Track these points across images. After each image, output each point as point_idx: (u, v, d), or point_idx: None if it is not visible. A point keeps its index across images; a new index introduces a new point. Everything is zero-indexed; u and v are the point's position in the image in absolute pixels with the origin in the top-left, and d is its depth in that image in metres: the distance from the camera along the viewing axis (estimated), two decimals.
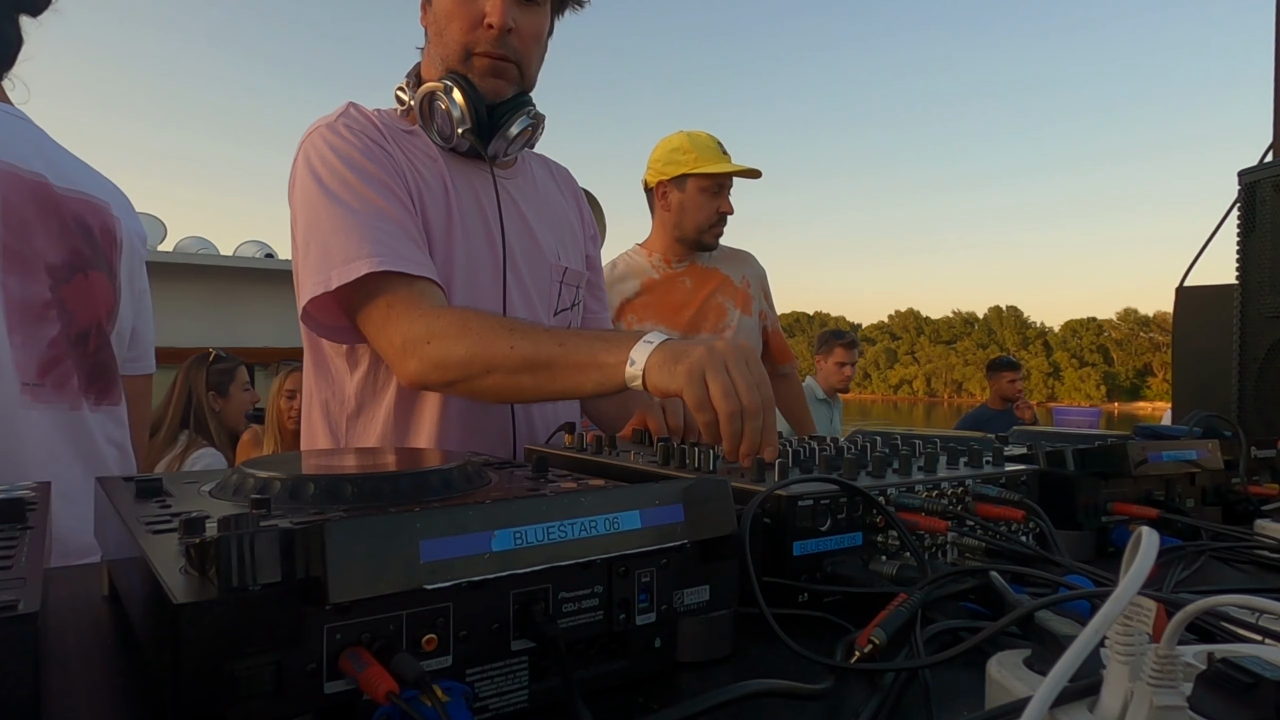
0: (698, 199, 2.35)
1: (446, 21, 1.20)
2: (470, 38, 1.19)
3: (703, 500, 0.56)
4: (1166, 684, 0.36)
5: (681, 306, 2.38)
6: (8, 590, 0.44)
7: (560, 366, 1.00)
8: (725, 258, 2.51)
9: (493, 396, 1.10)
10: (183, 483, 0.72)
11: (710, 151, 2.38)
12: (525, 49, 1.23)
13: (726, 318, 2.42)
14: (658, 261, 2.44)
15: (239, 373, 3.31)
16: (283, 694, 0.41)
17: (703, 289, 2.42)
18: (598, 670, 0.53)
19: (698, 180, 2.36)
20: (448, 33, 1.20)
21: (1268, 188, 1.59)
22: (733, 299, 2.45)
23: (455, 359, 1.04)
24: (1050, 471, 0.96)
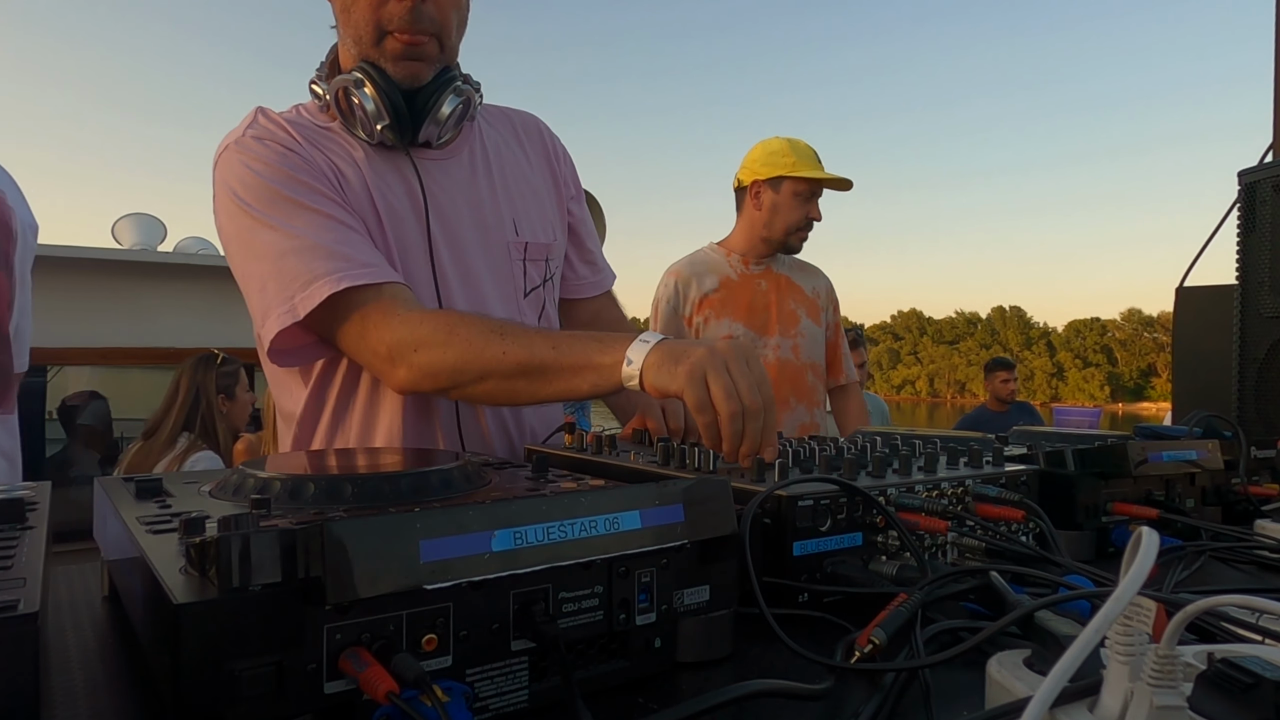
0: (791, 202, 2.44)
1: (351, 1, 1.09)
2: (381, 13, 1.08)
3: (703, 500, 0.56)
4: (1166, 684, 0.36)
5: (757, 308, 2.46)
6: (8, 590, 0.44)
7: (555, 370, 0.97)
8: (798, 268, 2.60)
9: (487, 401, 1.08)
10: (183, 483, 0.72)
11: (808, 158, 2.48)
12: (444, 18, 1.11)
13: (799, 324, 2.49)
14: (736, 261, 2.51)
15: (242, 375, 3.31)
16: (283, 694, 0.41)
17: (777, 293, 2.51)
18: (598, 670, 0.53)
19: (794, 184, 2.44)
20: (355, 10, 1.09)
21: (1268, 188, 1.59)
22: (804, 307, 2.53)
23: (446, 367, 1.01)
24: (1050, 471, 0.96)
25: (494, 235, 1.23)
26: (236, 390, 3.24)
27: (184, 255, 5.30)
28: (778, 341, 2.45)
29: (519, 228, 1.26)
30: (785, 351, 2.47)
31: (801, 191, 2.44)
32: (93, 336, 4.63)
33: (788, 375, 2.46)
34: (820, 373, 2.56)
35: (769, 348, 2.44)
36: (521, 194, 1.28)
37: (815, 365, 2.53)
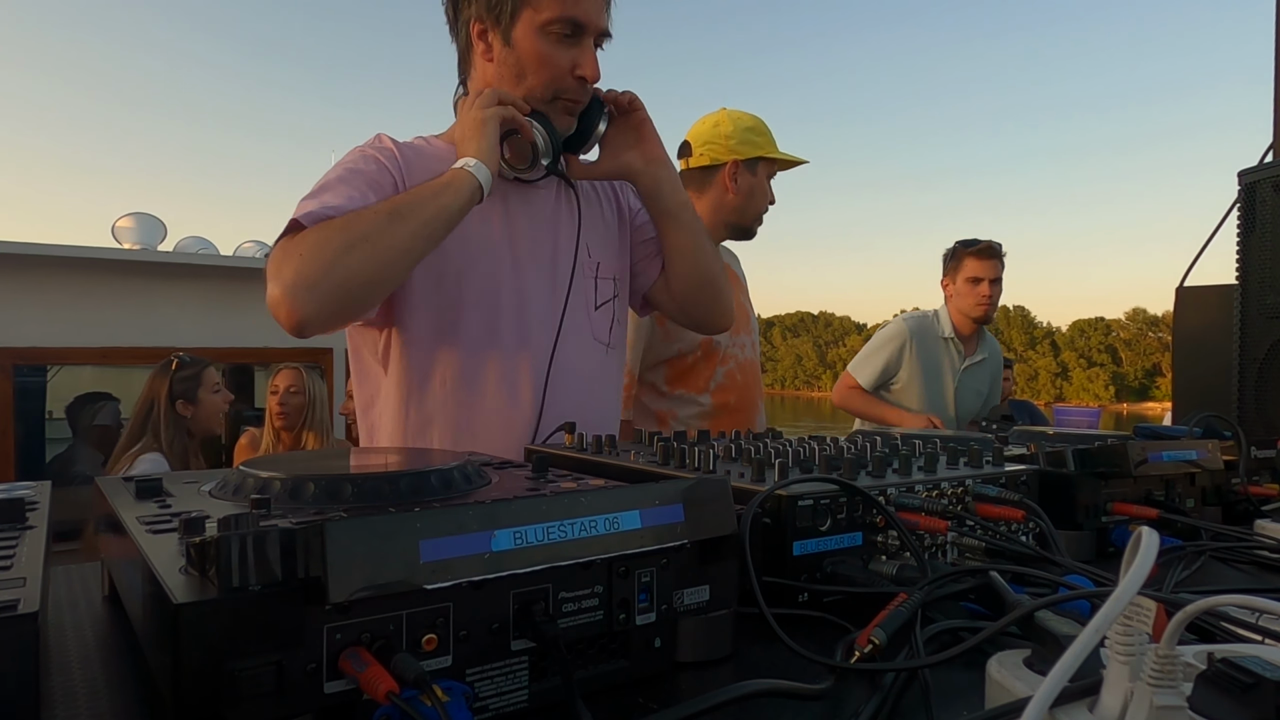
0: (765, 186, 2.16)
1: (535, 66, 1.24)
2: (560, 84, 1.26)
3: (703, 500, 0.56)
4: (1166, 684, 0.36)
5: None
6: (8, 590, 0.44)
7: (418, 203, 1.08)
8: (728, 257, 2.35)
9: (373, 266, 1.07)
10: (183, 482, 0.72)
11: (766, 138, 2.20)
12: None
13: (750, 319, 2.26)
14: None
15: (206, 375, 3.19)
16: (283, 694, 0.41)
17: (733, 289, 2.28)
18: (598, 670, 0.53)
19: (768, 166, 2.17)
20: (533, 76, 1.25)
21: (1268, 188, 1.59)
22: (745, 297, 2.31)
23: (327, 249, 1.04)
24: (1050, 471, 0.96)
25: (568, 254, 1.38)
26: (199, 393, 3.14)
27: (184, 255, 5.30)
28: (743, 340, 2.20)
29: (591, 251, 1.41)
30: (749, 350, 2.23)
31: (772, 173, 2.19)
32: (93, 336, 4.63)
33: (752, 374, 2.22)
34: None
35: (737, 347, 2.18)
36: (594, 224, 1.45)
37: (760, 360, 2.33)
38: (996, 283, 3.16)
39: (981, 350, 3.29)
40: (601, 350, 1.41)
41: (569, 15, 1.21)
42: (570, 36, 1.23)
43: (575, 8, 1.21)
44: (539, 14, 1.21)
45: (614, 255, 1.47)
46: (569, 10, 1.21)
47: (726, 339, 2.16)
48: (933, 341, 3.20)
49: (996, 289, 3.16)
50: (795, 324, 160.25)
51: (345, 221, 1.07)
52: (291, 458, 0.78)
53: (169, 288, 4.96)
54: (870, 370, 3.15)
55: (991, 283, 3.13)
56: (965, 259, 3.16)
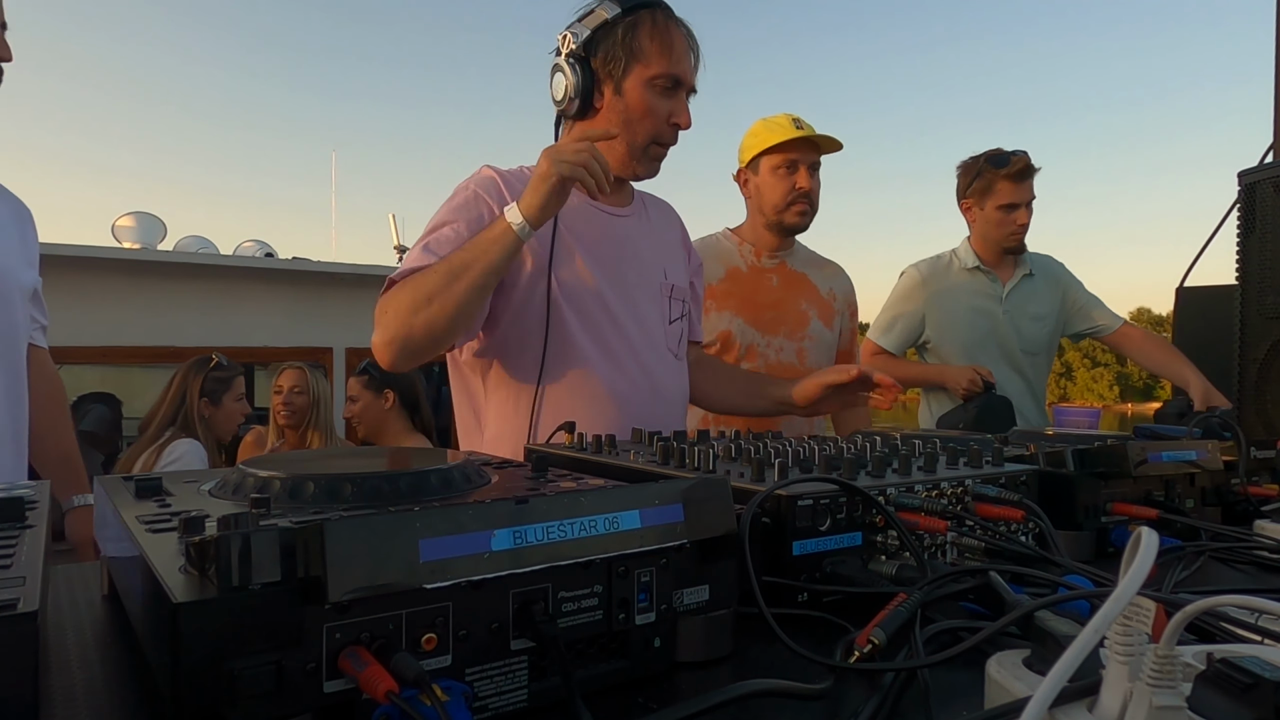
0: (771, 178, 2.25)
1: (641, 115, 1.47)
2: (658, 131, 1.49)
3: (702, 500, 0.56)
4: (1166, 684, 0.36)
5: (763, 305, 2.26)
6: (8, 589, 0.44)
7: (470, 260, 1.26)
8: (816, 264, 2.40)
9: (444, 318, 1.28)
10: (182, 482, 0.72)
11: (780, 128, 2.25)
12: None
13: (807, 326, 2.29)
14: (748, 251, 2.32)
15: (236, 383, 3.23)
16: (282, 693, 0.41)
17: (788, 290, 2.30)
18: (597, 670, 0.53)
19: (767, 158, 2.25)
20: (639, 124, 1.48)
21: (1268, 188, 1.59)
22: (816, 308, 2.32)
23: (403, 309, 1.29)
24: (1050, 471, 0.96)
25: (652, 275, 1.62)
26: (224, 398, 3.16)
27: (184, 254, 5.30)
28: (780, 343, 2.26)
29: (668, 273, 1.65)
30: (788, 354, 2.27)
31: (779, 164, 2.22)
32: (93, 336, 4.63)
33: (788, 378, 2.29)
34: None
35: (771, 348, 2.25)
36: (670, 252, 1.70)
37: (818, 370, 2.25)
38: (1031, 204, 2.66)
39: (1022, 267, 2.76)
40: (674, 360, 1.61)
41: (672, 72, 1.45)
42: (670, 90, 1.47)
43: (677, 66, 1.46)
44: (648, 69, 1.45)
45: (683, 278, 1.70)
46: (673, 68, 1.45)
47: (756, 336, 2.24)
48: (955, 279, 2.76)
49: (1031, 211, 2.67)
50: None
51: (416, 283, 1.29)
52: (291, 457, 0.78)
53: (169, 287, 4.95)
54: (890, 331, 2.78)
55: (1027, 206, 2.64)
56: (998, 183, 2.64)
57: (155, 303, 4.89)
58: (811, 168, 2.25)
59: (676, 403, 1.61)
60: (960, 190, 2.79)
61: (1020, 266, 2.77)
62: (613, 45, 1.46)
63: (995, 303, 2.73)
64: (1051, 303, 2.77)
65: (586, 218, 1.55)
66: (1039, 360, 2.78)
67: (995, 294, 2.75)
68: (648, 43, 1.44)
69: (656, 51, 1.44)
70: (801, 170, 2.23)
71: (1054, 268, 2.83)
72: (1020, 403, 2.59)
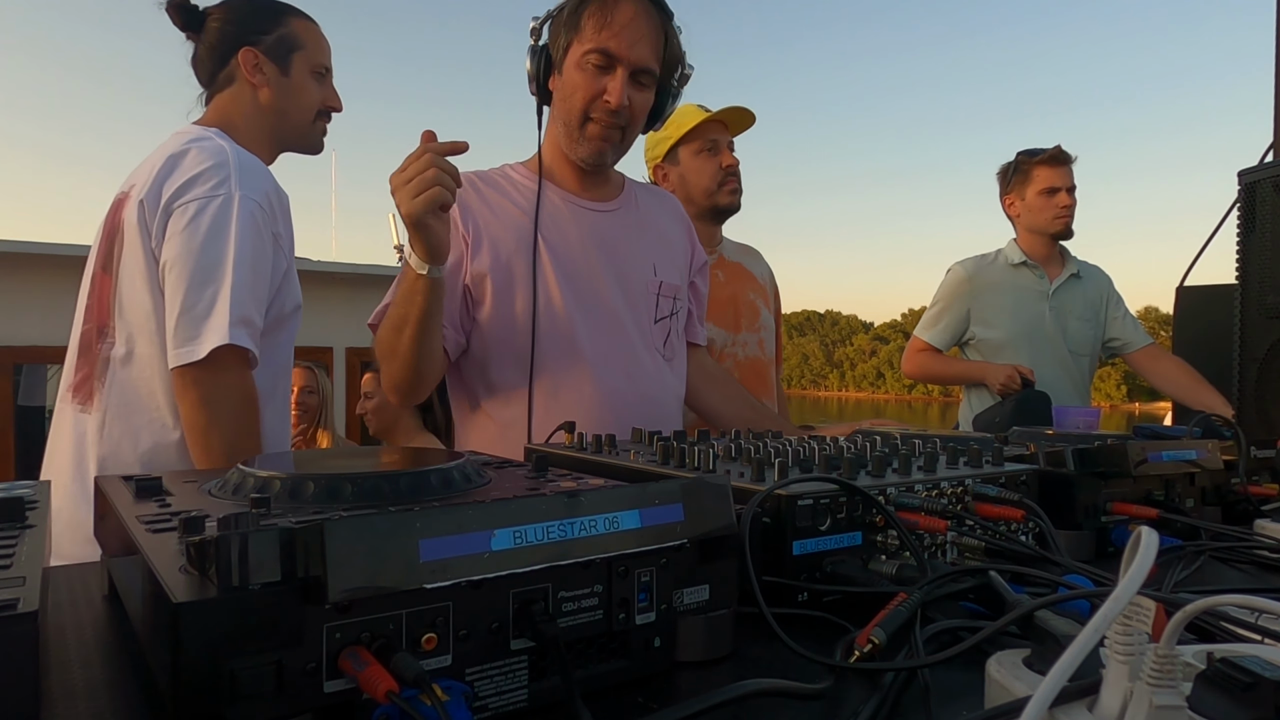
0: (694, 163, 2.21)
1: (572, 91, 1.44)
2: (590, 106, 1.44)
3: (702, 499, 0.56)
4: (1166, 684, 0.36)
5: (721, 302, 2.20)
6: (7, 589, 0.44)
7: (404, 313, 1.27)
8: (744, 253, 2.39)
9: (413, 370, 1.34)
10: (182, 482, 0.72)
11: (690, 114, 2.21)
12: (634, 120, 1.48)
13: (760, 316, 2.29)
14: None
15: None
16: (282, 693, 0.41)
17: (735, 284, 2.28)
18: (597, 670, 0.53)
19: (686, 146, 2.21)
20: (571, 100, 1.45)
21: (1268, 188, 1.59)
22: (760, 296, 2.32)
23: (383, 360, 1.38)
24: (1050, 471, 0.96)
25: (638, 273, 1.57)
26: None
27: None
28: (745, 338, 2.24)
29: (657, 269, 1.60)
30: (752, 348, 2.26)
31: (700, 148, 2.19)
32: None
33: (757, 372, 2.24)
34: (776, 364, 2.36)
35: (738, 346, 2.22)
36: (663, 247, 1.65)
37: (773, 360, 2.33)
38: (1073, 191, 2.74)
39: (1070, 266, 2.81)
40: (660, 359, 1.58)
41: (603, 46, 1.40)
42: (603, 67, 1.41)
43: (612, 41, 1.39)
44: (581, 45, 1.41)
45: (677, 278, 1.65)
46: (605, 43, 1.40)
47: (723, 337, 2.20)
48: (1001, 275, 2.79)
49: (1074, 198, 2.75)
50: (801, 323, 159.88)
51: (381, 335, 1.37)
52: (291, 457, 0.78)
53: None
54: (935, 327, 2.81)
55: (1068, 191, 2.73)
56: (1035, 170, 2.74)
57: None
58: (729, 146, 2.24)
59: (665, 403, 1.58)
60: (1001, 189, 2.86)
61: (1068, 265, 2.80)
62: (558, 26, 1.45)
63: (1042, 299, 2.74)
64: (1097, 306, 2.80)
65: (565, 216, 1.53)
66: (1084, 362, 2.79)
67: (1042, 289, 2.75)
68: (586, 19, 1.41)
69: (592, 27, 1.40)
70: (723, 149, 2.22)
71: (1101, 276, 2.88)
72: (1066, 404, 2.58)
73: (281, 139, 1.63)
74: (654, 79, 1.47)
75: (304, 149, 1.68)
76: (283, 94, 1.58)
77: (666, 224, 1.70)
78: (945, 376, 2.89)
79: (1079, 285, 2.80)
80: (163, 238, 1.39)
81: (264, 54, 1.56)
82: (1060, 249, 2.84)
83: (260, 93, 1.57)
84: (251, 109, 1.57)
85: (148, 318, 1.42)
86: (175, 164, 1.42)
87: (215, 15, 1.56)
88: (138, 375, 1.43)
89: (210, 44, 1.57)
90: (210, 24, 1.56)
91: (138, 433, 1.43)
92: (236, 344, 1.35)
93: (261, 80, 1.56)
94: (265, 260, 1.42)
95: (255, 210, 1.41)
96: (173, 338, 1.36)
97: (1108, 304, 2.83)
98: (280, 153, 1.65)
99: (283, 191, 1.52)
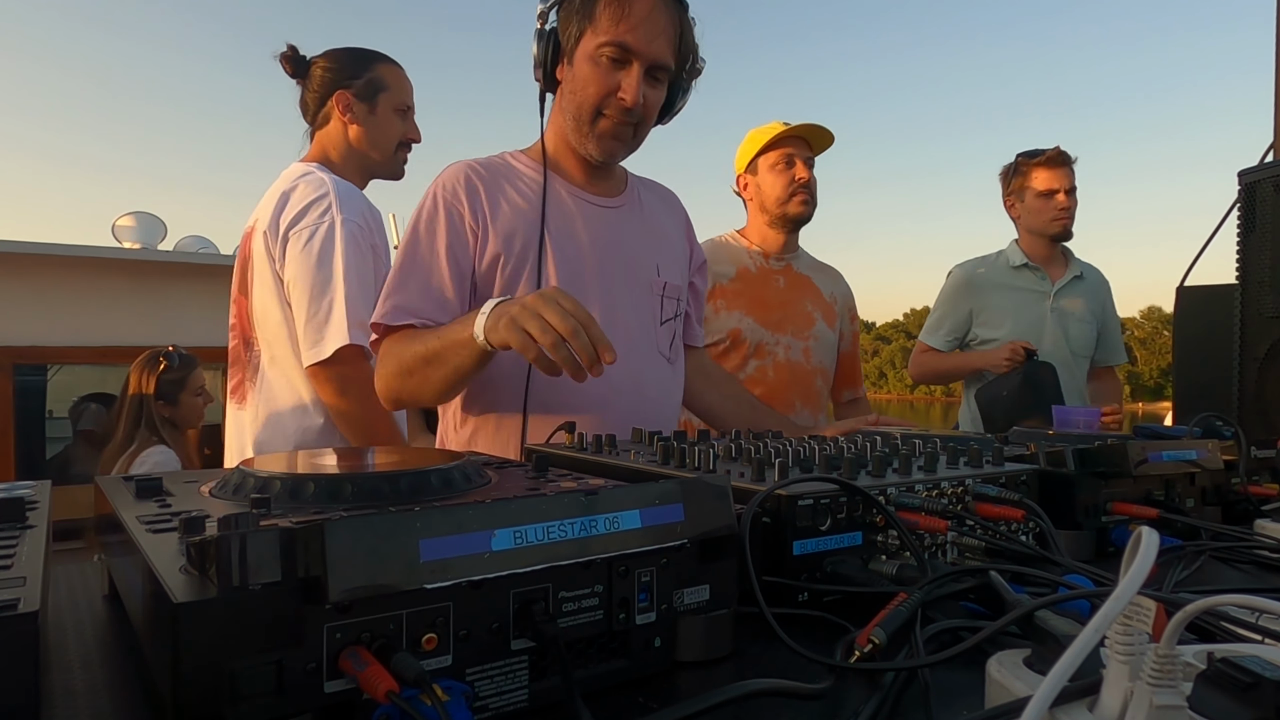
0: (770, 176, 2.37)
1: (584, 85, 1.36)
2: (603, 102, 1.36)
3: (702, 499, 0.56)
4: (1166, 684, 0.36)
5: (772, 304, 2.36)
6: (8, 590, 0.44)
7: (443, 353, 1.21)
8: (819, 270, 2.51)
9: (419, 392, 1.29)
10: (183, 482, 0.72)
11: (773, 129, 2.39)
12: (647, 117, 1.41)
13: (813, 327, 2.40)
14: (756, 254, 2.42)
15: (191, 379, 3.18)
16: (283, 693, 0.41)
17: (795, 292, 2.41)
18: (598, 670, 0.53)
19: (764, 157, 2.38)
20: (582, 94, 1.37)
21: (1268, 188, 1.59)
22: (820, 310, 2.43)
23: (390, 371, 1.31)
24: (1050, 471, 0.96)
25: (643, 273, 1.52)
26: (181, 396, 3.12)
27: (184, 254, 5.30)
28: (789, 341, 2.35)
29: (660, 270, 1.55)
30: (795, 353, 2.36)
31: (776, 162, 2.35)
32: (93, 336, 4.63)
33: (797, 378, 2.35)
34: (828, 379, 2.46)
35: (779, 346, 2.34)
36: (666, 246, 1.60)
37: (824, 371, 2.43)
38: (1072, 193, 2.74)
39: (1073, 268, 2.82)
40: (665, 363, 1.53)
41: (621, 40, 1.32)
42: (619, 61, 1.33)
43: (630, 34, 1.31)
44: (595, 37, 1.33)
45: (679, 277, 1.61)
46: (622, 36, 1.31)
47: (765, 334, 2.33)
48: (1001, 277, 2.81)
49: (1073, 200, 2.74)
50: None
51: (400, 350, 1.29)
52: (291, 457, 0.78)
53: (169, 287, 4.96)
54: (938, 330, 2.88)
55: (1067, 193, 2.72)
56: (1032, 171, 2.75)
57: (156, 303, 4.89)
58: (806, 161, 2.38)
59: (665, 405, 1.54)
60: (1003, 191, 2.88)
61: (1071, 267, 2.81)
62: (570, 13, 1.36)
63: (1043, 299, 2.76)
64: (1096, 310, 2.82)
65: (572, 213, 1.47)
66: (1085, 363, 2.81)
67: (1044, 290, 2.78)
68: (601, 9, 1.32)
69: (608, 17, 1.31)
70: (798, 163, 2.36)
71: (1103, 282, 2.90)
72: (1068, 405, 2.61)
73: (369, 168, 1.90)
74: (669, 75, 1.40)
75: (387, 176, 1.94)
76: (370, 129, 1.86)
77: (669, 222, 1.66)
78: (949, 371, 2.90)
79: (1081, 286, 2.82)
80: (283, 260, 1.69)
81: (354, 96, 1.84)
82: (1062, 250, 2.84)
83: (350, 129, 1.85)
84: (344, 143, 1.86)
85: (279, 327, 1.72)
86: (287, 198, 1.72)
87: (319, 64, 1.87)
88: (280, 375, 1.74)
89: (313, 88, 1.86)
90: (314, 71, 1.86)
91: (285, 421, 1.73)
92: (355, 342, 1.62)
93: (351, 118, 1.84)
94: (368, 270, 1.70)
95: (355, 230, 1.69)
96: (302, 341, 1.66)
97: (1105, 309, 2.86)
98: (370, 179, 1.92)
99: (375, 209, 1.79)
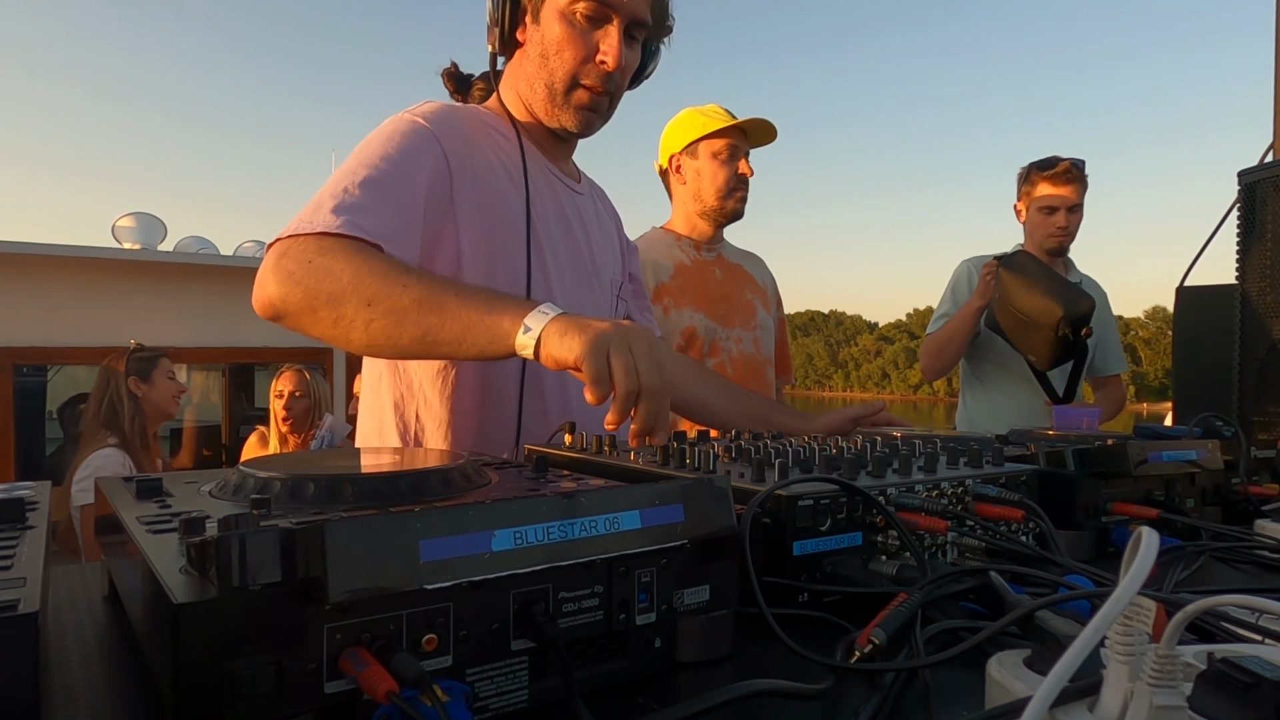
0: (712, 165, 2.24)
1: (557, 49, 1.20)
2: (580, 69, 1.21)
3: (702, 500, 0.56)
4: (1166, 684, 0.36)
5: (715, 298, 2.26)
6: (8, 590, 0.44)
7: (450, 314, 0.91)
8: (745, 257, 2.45)
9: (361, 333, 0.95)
10: (183, 482, 0.72)
11: (719, 115, 2.27)
12: (623, 83, 1.27)
13: (756, 316, 2.33)
14: (688, 247, 2.30)
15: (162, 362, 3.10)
16: (283, 694, 0.41)
17: (733, 282, 2.33)
18: (598, 670, 0.53)
19: (708, 143, 2.24)
20: (556, 60, 1.21)
21: (1268, 188, 1.59)
22: (759, 298, 2.37)
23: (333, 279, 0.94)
24: (1050, 471, 0.96)
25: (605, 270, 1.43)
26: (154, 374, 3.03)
27: (184, 255, 5.30)
28: (739, 334, 2.27)
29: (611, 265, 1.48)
30: (747, 345, 2.29)
31: (720, 150, 2.22)
32: (93, 336, 4.64)
33: (753, 370, 2.28)
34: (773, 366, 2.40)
35: (731, 340, 2.26)
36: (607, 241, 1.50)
37: (770, 360, 2.37)
38: (1075, 210, 2.65)
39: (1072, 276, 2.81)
40: None
41: None
42: (596, 20, 1.18)
43: None
44: None
45: (621, 272, 1.53)
46: None
47: (718, 330, 2.24)
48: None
49: (1075, 218, 2.66)
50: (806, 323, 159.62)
51: (362, 264, 0.95)
52: (291, 458, 0.78)
53: (169, 287, 4.96)
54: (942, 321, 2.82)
55: (1069, 211, 2.64)
56: (1039, 183, 2.67)
57: (156, 303, 4.89)
58: (746, 156, 2.28)
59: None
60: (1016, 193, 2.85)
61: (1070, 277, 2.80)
62: None
63: None
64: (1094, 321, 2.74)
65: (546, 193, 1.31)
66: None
67: None
68: None
69: None
70: (742, 158, 2.26)
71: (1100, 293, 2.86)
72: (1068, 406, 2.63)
73: None
74: (645, 32, 1.24)
75: None
76: None
77: (609, 215, 1.55)
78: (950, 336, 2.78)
79: None
80: None
81: None
82: (1064, 262, 2.83)
83: None
84: None
85: None
86: None
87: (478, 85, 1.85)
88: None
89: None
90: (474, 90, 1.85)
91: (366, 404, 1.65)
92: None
93: None
94: None
95: None
96: None
97: (1102, 319, 2.85)
98: None
99: None
